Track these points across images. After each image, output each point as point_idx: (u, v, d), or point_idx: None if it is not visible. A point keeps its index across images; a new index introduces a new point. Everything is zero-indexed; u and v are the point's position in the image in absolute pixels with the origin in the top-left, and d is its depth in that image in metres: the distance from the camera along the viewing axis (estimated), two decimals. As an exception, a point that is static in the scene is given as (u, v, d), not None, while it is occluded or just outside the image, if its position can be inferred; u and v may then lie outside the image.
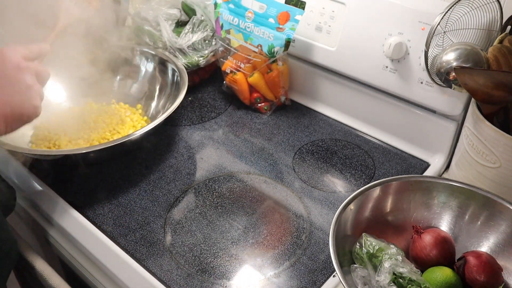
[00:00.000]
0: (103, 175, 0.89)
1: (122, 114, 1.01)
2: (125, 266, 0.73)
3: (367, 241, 0.66)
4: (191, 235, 0.78)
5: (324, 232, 0.79)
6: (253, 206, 0.83)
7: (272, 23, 0.97)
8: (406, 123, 0.95)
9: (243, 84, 1.05)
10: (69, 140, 0.93)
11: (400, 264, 0.63)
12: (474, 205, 0.70)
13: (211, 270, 0.72)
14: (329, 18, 0.96)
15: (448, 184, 0.71)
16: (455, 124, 0.89)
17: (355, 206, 0.69)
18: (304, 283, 0.70)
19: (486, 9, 0.75)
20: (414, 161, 0.94)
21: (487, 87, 0.69)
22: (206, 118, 1.05)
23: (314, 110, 1.08)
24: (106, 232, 0.78)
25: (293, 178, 0.89)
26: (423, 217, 0.73)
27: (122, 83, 1.08)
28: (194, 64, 1.06)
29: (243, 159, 0.94)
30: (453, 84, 0.76)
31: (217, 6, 1.04)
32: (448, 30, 0.78)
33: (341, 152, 0.96)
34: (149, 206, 0.83)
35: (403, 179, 0.72)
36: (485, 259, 0.65)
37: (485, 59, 0.73)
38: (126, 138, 0.83)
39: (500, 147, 0.71)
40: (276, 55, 0.99)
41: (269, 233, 0.78)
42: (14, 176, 0.91)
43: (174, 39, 1.05)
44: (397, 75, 0.90)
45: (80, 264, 0.79)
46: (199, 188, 0.87)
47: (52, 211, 0.82)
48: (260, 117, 1.06)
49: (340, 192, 0.87)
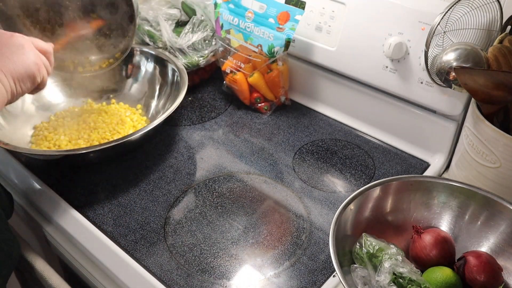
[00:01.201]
0: (103, 175, 0.89)
1: (122, 114, 1.01)
2: (125, 266, 0.73)
3: (367, 241, 0.66)
4: (191, 235, 0.78)
5: (324, 232, 0.79)
6: (253, 206, 0.83)
7: (272, 23, 0.97)
8: (406, 123, 0.95)
9: (243, 84, 1.05)
10: (69, 140, 0.94)
11: (400, 264, 0.63)
12: (474, 205, 0.70)
13: (211, 270, 0.72)
14: (329, 18, 0.96)
15: (448, 184, 0.71)
16: (455, 124, 0.89)
17: (355, 206, 0.69)
18: (304, 283, 0.70)
19: (486, 9, 0.75)
20: (414, 161, 0.94)
21: (487, 87, 0.69)
22: (206, 118, 1.05)
23: (314, 110, 1.08)
24: (106, 232, 0.78)
25: (293, 178, 0.89)
26: (423, 217, 0.73)
27: (122, 83, 1.08)
28: (194, 64, 1.06)
29: (243, 159, 0.94)
30: (453, 84, 0.76)
31: (217, 6, 1.04)
32: (448, 30, 0.78)
33: (341, 152, 0.96)
34: (149, 206, 0.83)
35: (403, 179, 0.72)
36: (485, 259, 0.65)
37: (485, 59, 0.73)
38: (126, 138, 0.83)
39: (500, 147, 0.71)
40: (276, 55, 0.99)
41: (269, 233, 0.78)
42: (14, 176, 0.91)
43: (174, 39, 1.05)
44: (397, 75, 0.90)
45: (80, 264, 0.79)
46: (199, 188, 0.87)
47: (52, 211, 0.82)
48: (260, 117, 1.06)
49: (340, 192, 0.87)
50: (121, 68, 1.07)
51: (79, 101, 1.06)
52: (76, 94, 1.06)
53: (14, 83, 0.66)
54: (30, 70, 0.67)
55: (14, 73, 0.65)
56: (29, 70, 0.67)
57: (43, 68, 0.71)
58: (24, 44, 0.69)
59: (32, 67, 0.68)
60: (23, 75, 0.67)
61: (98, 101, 1.06)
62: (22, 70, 0.66)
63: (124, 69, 1.07)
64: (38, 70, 0.69)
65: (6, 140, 0.82)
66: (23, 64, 0.67)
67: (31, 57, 0.69)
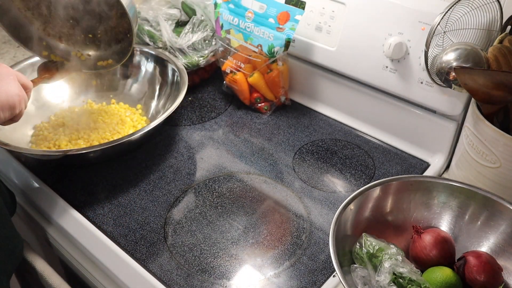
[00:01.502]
0: (103, 175, 0.89)
1: (122, 114, 1.01)
2: (125, 266, 0.73)
3: (367, 241, 0.66)
4: (191, 235, 0.78)
5: (324, 232, 0.79)
6: (253, 206, 0.83)
7: (272, 23, 0.97)
8: (406, 123, 0.95)
9: (243, 84, 1.05)
10: (69, 140, 0.94)
11: (400, 264, 0.63)
12: (474, 205, 0.70)
13: (211, 270, 0.72)
14: (329, 18, 0.96)
15: (448, 184, 0.71)
16: (455, 124, 0.89)
17: (355, 206, 0.69)
18: (304, 283, 0.70)
19: (486, 9, 0.75)
20: (414, 161, 0.94)
21: (487, 87, 0.69)
22: (206, 118, 1.05)
23: (314, 110, 1.08)
24: (106, 232, 0.78)
25: (293, 178, 0.89)
26: (423, 217, 0.73)
27: (122, 83, 1.08)
28: (194, 64, 1.06)
29: (243, 159, 0.94)
30: (453, 84, 0.76)
31: (217, 6, 1.04)
32: (448, 30, 0.78)
33: (341, 152, 0.96)
34: (149, 206, 0.83)
35: (403, 179, 0.72)
36: (485, 259, 0.65)
37: (485, 59, 0.73)
38: (126, 138, 0.83)
39: (500, 147, 0.71)
40: (276, 55, 0.99)
41: (269, 233, 0.78)
42: (14, 176, 0.91)
43: (174, 39, 1.05)
44: (397, 75, 0.90)
45: (80, 264, 0.79)
46: (199, 188, 0.87)
47: (52, 211, 0.82)
48: (260, 117, 1.06)
49: (340, 192, 0.87)
50: (121, 68, 1.07)
51: (79, 101, 1.06)
52: (76, 94, 1.06)
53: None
54: (12, 101, 0.69)
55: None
56: (11, 100, 0.69)
57: (23, 101, 0.73)
58: (10, 75, 0.71)
59: (14, 98, 0.70)
60: (4, 104, 0.68)
61: (98, 101, 1.06)
62: (4, 99, 0.68)
63: (124, 69, 1.07)
64: (19, 102, 0.71)
65: (6, 140, 0.82)
66: (6, 93, 0.69)
67: (15, 89, 0.71)
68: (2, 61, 1.24)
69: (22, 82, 0.74)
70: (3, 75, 0.70)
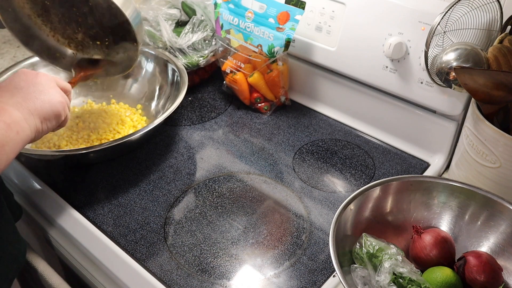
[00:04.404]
0: (103, 175, 0.89)
1: (122, 114, 1.01)
2: (125, 266, 0.73)
3: (367, 241, 0.66)
4: (191, 235, 0.78)
5: (324, 232, 0.79)
6: (253, 206, 0.83)
7: (272, 23, 0.97)
8: (406, 123, 0.95)
9: (243, 84, 1.05)
10: (69, 140, 0.94)
11: (400, 264, 0.63)
12: (474, 205, 0.70)
13: (211, 270, 0.72)
14: (329, 18, 0.96)
15: (448, 184, 0.71)
16: (455, 124, 0.89)
17: (355, 206, 0.69)
18: (304, 283, 0.70)
19: (486, 9, 0.75)
20: (414, 161, 0.94)
21: (487, 87, 0.69)
22: (206, 118, 1.05)
23: (314, 110, 1.08)
24: (106, 232, 0.78)
25: (293, 178, 0.89)
26: (423, 217, 0.73)
27: (122, 83, 1.08)
28: (194, 64, 1.06)
29: (243, 159, 0.94)
30: (453, 84, 0.76)
31: (217, 6, 1.04)
32: (448, 30, 0.78)
33: (341, 152, 0.96)
34: (149, 206, 0.83)
35: (403, 179, 0.72)
36: (485, 259, 0.65)
37: (485, 59, 0.73)
38: (126, 138, 0.83)
39: (500, 147, 0.71)
40: (276, 55, 0.99)
41: (269, 233, 0.78)
42: (14, 176, 0.91)
43: (174, 39, 1.05)
44: (397, 75, 0.90)
45: (80, 264, 0.79)
46: (199, 188, 0.87)
47: (52, 211, 0.82)
48: (260, 117, 1.06)
49: (340, 192, 0.87)
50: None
51: (79, 101, 1.06)
52: (76, 94, 1.06)
53: (41, 122, 0.66)
54: (56, 109, 0.68)
55: (41, 112, 0.66)
56: (55, 109, 0.68)
57: (67, 106, 0.72)
58: (50, 83, 0.70)
59: (58, 106, 0.69)
60: (49, 114, 0.67)
61: (98, 101, 1.06)
62: (49, 109, 0.67)
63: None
64: (63, 108, 0.70)
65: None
66: (50, 103, 0.67)
67: (57, 96, 0.69)
68: (2, 61, 1.24)
69: (62, 86, 0.73)
70: (44, 86, 0.68)
